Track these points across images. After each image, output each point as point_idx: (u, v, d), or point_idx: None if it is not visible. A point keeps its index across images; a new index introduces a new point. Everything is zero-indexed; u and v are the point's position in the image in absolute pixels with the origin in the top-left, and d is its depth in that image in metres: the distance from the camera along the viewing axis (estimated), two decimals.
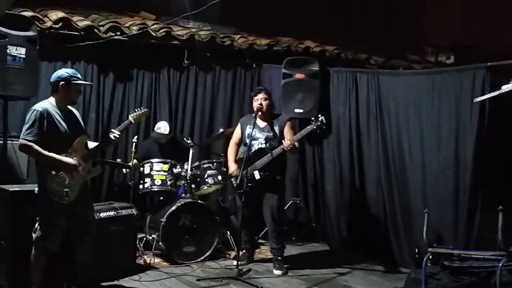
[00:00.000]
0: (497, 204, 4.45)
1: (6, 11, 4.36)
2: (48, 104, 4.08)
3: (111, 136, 4.26)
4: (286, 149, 5.08)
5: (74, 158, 4.06)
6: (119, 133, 4.30)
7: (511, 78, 4.25)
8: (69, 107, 4.23)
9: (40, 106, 4.03)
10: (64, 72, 4.18)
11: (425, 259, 4.34)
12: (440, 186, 5.16)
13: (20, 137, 3.96)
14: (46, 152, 3.91)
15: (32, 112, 3.98)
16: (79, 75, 4.22)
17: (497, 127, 4.90)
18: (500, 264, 3.93)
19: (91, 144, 4.31)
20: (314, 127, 5.11)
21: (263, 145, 5.25)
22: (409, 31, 8.65)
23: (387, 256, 5.57)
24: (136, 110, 4.68)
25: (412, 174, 5.44)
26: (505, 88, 4.20)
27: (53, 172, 3.96)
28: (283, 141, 5.12)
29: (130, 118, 4.57)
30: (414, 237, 5.29)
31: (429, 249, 4.45)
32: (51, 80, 4.15)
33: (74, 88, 4.17)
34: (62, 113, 4.11)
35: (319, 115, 5.17)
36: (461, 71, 5.16)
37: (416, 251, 4.89)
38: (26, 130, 3.93)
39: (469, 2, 8.09)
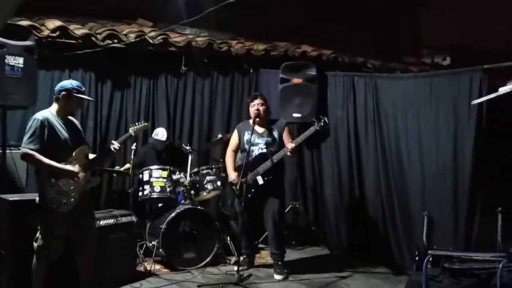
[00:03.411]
0: (496, 206, 4.47)
1: None
2: (49, 113, 4.09)
3: (111, 147, 4.33)
4: (289, 153, 5.11)
5: (75, 167, 4.08)
6: (118, 145, 4.37)
7: (508, 80, 4.25)
8: (70, 117, 4.25)
9: (40, 114, 4.04)
10: (68, 83, 4.22)
11: (425, 261, 4.35)
12: (439, 189, 5.16)
13: (22, 146, 3.96)
14: (47, 160, 3.92)
15: (33, 121, 3.98)
16: (82, 89, 4.25)
17: (495, 129, 4.89)
18: (500, 266, 3.94)
19: (91, 156, 4.33)
20: (318, 128, 5.14)
21: (264, 150, 5.26)
22: (405, 34, 8.68)
23: (387, 259, 5.58)
24: (138, 123, 4.71)
25: (411, 177, 5.44)
26: (502, 90, 4.21)
27: (53, 180, 3.96)
28: (286, 145, 5.16)
29: (131, 131, 4.61)
30: (414, 240, 5.29)
31: (429, 252, 4.47)
32: (55, 89, 4.18)
33: (75, 101, 4.19)
34: (62, 122, 4.12)
35: (321, 116, 5.20)
36: (458, 74, 5.12)
37: (416, 253, 4.87)
38: (28, 139, 3.93)
39: (466, 4, 8.10)
